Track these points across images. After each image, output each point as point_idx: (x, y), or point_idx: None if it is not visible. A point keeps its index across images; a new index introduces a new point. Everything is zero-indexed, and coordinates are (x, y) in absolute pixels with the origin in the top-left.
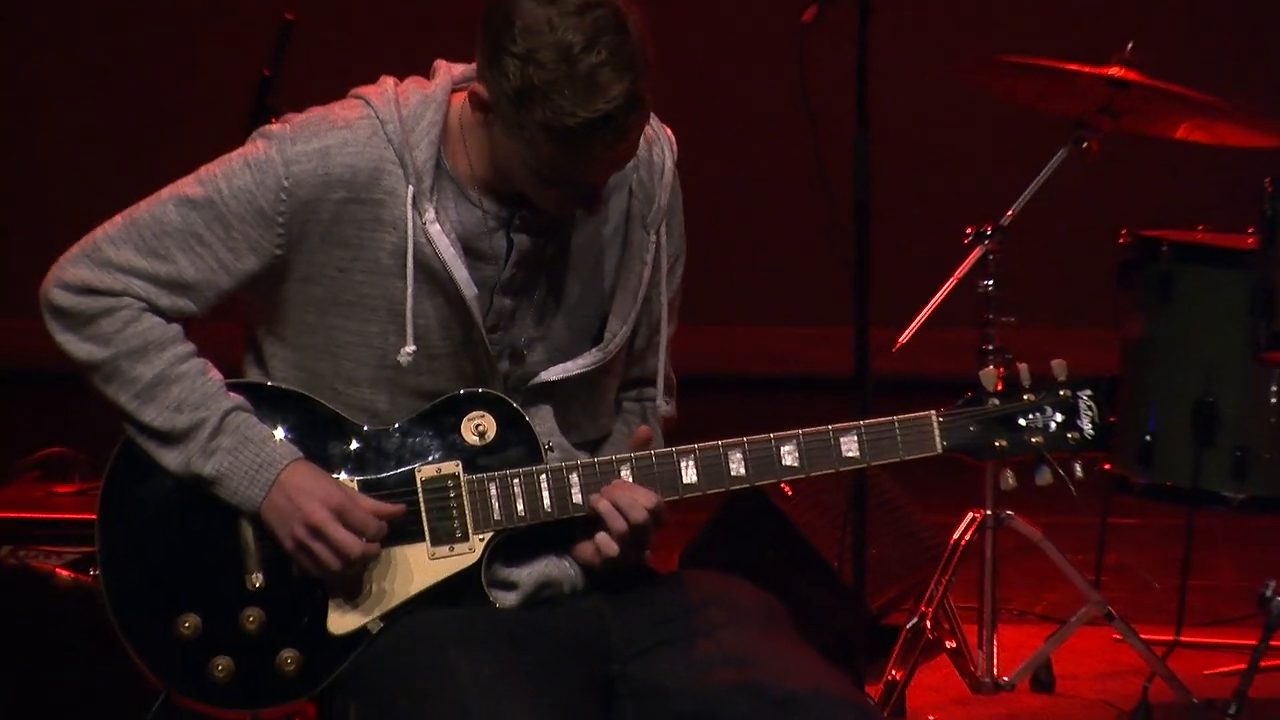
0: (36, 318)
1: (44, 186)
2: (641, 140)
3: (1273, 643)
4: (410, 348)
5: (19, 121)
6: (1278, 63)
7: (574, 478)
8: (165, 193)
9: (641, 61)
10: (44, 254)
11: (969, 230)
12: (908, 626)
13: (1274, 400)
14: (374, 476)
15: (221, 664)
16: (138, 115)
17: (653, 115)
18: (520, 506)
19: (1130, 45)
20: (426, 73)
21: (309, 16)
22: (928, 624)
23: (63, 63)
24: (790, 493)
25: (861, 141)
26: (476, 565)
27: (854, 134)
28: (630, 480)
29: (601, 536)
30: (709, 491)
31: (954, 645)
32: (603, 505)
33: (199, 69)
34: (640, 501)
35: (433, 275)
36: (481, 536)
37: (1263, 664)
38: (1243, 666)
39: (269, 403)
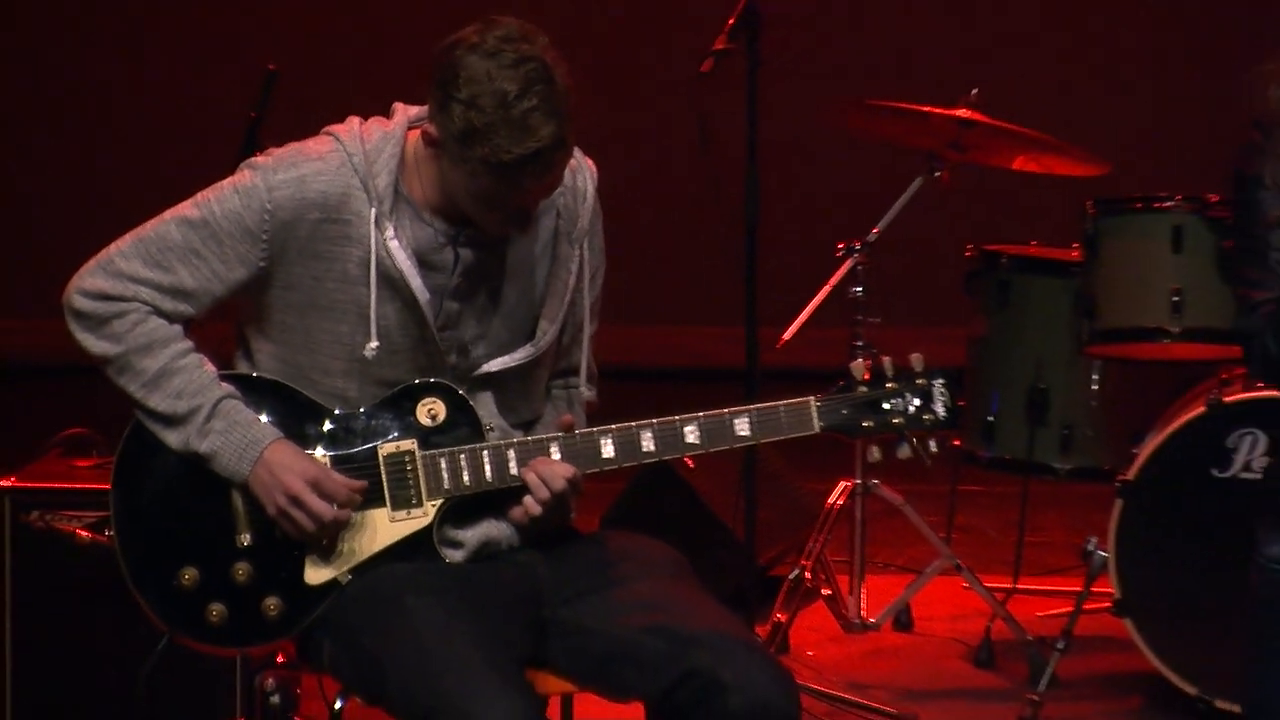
0: (59, 318)
1: (62, 209)
2: (566, 170)
3: (1094, 589)
4: (374, 344)
5: (46, 151)
6: (1097, 103)
7: (511, 453)
8: (168, 214)
9: (566, 107)
10: (63, 265)
11: (841, 245)
12: (790, 577)
13: (1094, 387)
14: (343, 452)
15: (215, 610)
16: (146, 147)
17: (576, 149)
18: (466, 477)
19: (975, 90)
20: (387, 113)
21: (289, 68)
22: (807, 575)
23: (79, 106)
24: (692, 465)
25: (751, 172)
26: (429, 527)
27: (745, 165)
28: (558, 456)
29: (529, 500)
30: (624, 465)
31: (829, 592)
32: (530, 476)
33: (199, 110)
34: (560, 473)
35: (392, 283)
36: (433, 503)
37: (1085, 606)
38: (1069, 609)
39: (255, 391)
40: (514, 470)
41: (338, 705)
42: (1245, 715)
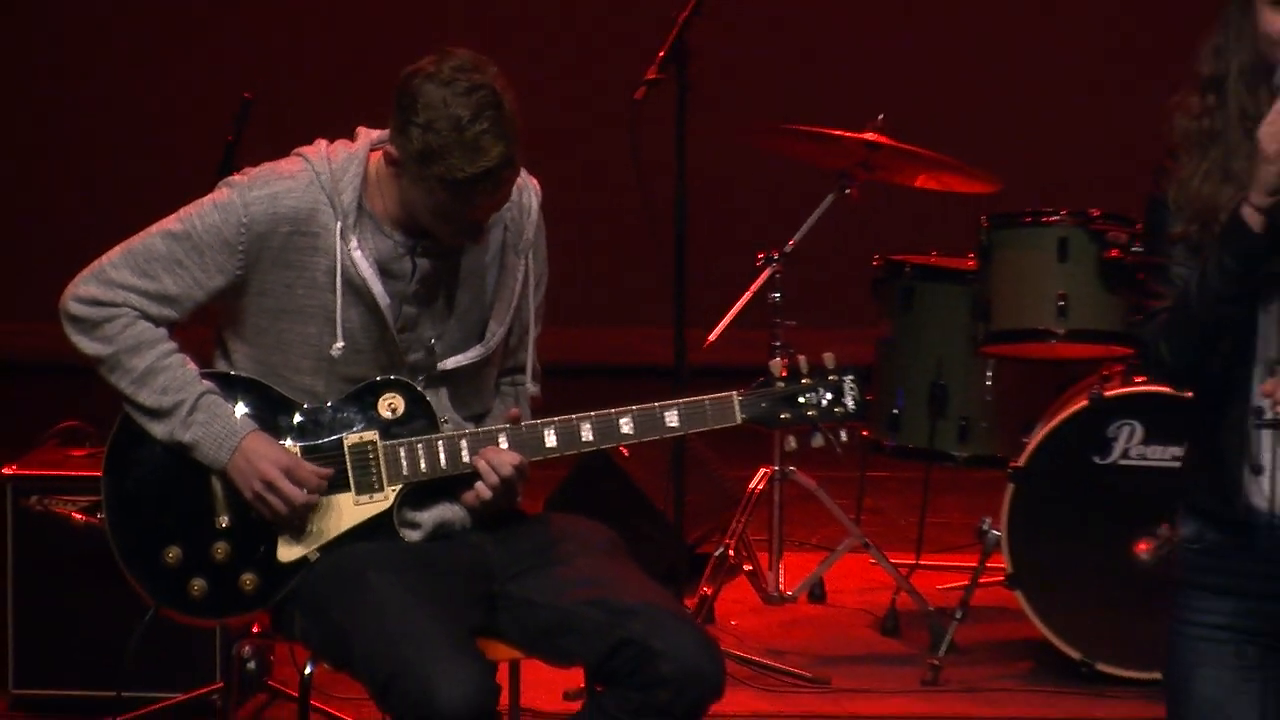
0: (55, 321)
1: (55, 222)
2: (514, 187)
3: (988, 564)
4: (340, 344)
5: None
6: (991, 127)
7: (463, 443)
8: (154, 228)
9: (514, 130)
10: (58, 272)
11: (761, 255)
12: (715, 554)
13: (989, 383)
14: (312, 443)
15: (197, 585)
16: (134, 165)
17: (522, 168)
18: (423, 465)
19: (880, 116)
20: (351, 136)
21: (263, 95)
22: (730, 552)
23: (73, 126)
24: (627, 454)
25: (680, 189)
26: (389, 510)
27: (675, 183)
28: (506, 445)
29: (479, 486)
30: (566, 453)
31: (750, 568)
32: (480, 464)
33: (181, 132)
34: (507, 461)
35: (356, 290)
36: (393, 488)
37: (981, 580)
38: (966, 582)
39: (232, 387)
40: (466, 458)
41: (307, 671)
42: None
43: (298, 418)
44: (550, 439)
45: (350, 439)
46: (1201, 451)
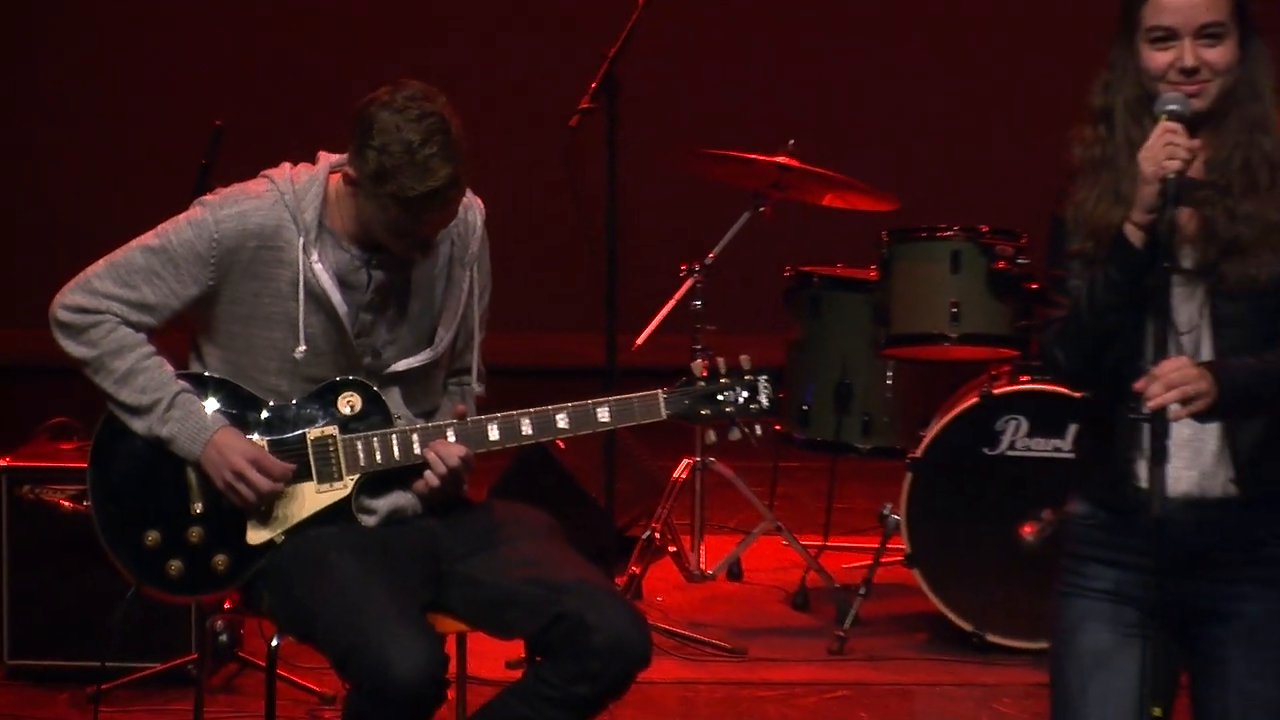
0: (44, 328)
1: (45, 239)
2: (460, 206)
3: (889, 545)
4: (302, 348)
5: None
6: (891, 149)
7: (415, 437)
8: (134, 243)
9: (460, 153)
10: (46, 283)
11: (684, 267)
12: (643, 537)
13: (889, 382)
14: (278, 437)
15: (174, 565)
16: (117, 186)
17: (468, 189)
18: (378, 456)
19: (791, 141)
20: (313, 159)
21: (233, 123)
22: (656, 535)
23: (61, 147)
24: (563, 446)
25: (611, 207)
26: (348, 497)
27: (606, 201)
28: (454, 439)
29: (429, 475)
30: (507, 446)
31: (674, 549)
32: (430, 455)
33: (161, 156)
34: (454, 453)
35: (317, 299)
36: (351, 477)
37: (882, 560)
38: (869, 562)
39: (205, 387)
40: (417, 451)
41: (274, 643)
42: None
43: (264, 414)
44: (493, 433)
45: (312, 433)
46: (1095, 442)
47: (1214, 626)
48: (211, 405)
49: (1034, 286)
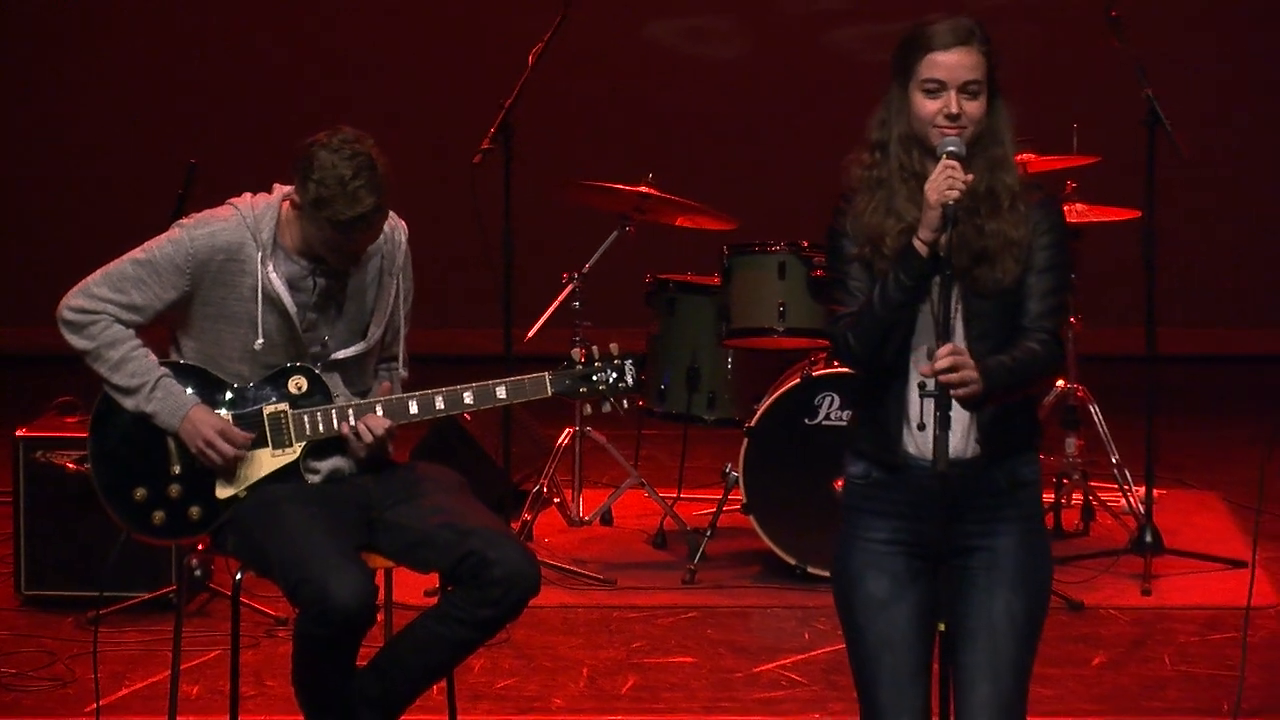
0: (54, 325)
1: (55, 249)
2: (387, 226)
3: (730, 496)
4: (260, 341)
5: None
6: (732, 178)
7: (351, 411)
8: (125, 257)
9: (383, 185)
10: (55, 286)
11: (565, 275)
12: (533, 491)
13: (729, 366)
14: (240, 412)
15: (158, 515)
16: (108, 210)
17: (392, 212)
18: (321, 427)
19: (650, 174)
20: (269, 189)
21: (205, 161)
22: (544, 489)
23: (67, 179)
24: (469, 418)
25: (507, 227)
26: (297, 460)
27: (503, 223)
28: (381, 413)
29: (358, 443)
30: (424, 418)
31: (559, 501)
32: (360, 426)
33: (146, 189)
34: (382, 425)
35: (272, 301)
36: (300, 444)
37: (724, 509)
38: (713, 509)
39: (182, 373)
40: (353, 422)
41: (238, 577)
42: (839, 583)
43: (229, 394)
44: (413, 408)
45: (268, 409)
46: (870, 414)
47: (968, 558)
48: (187, 387)
49: None
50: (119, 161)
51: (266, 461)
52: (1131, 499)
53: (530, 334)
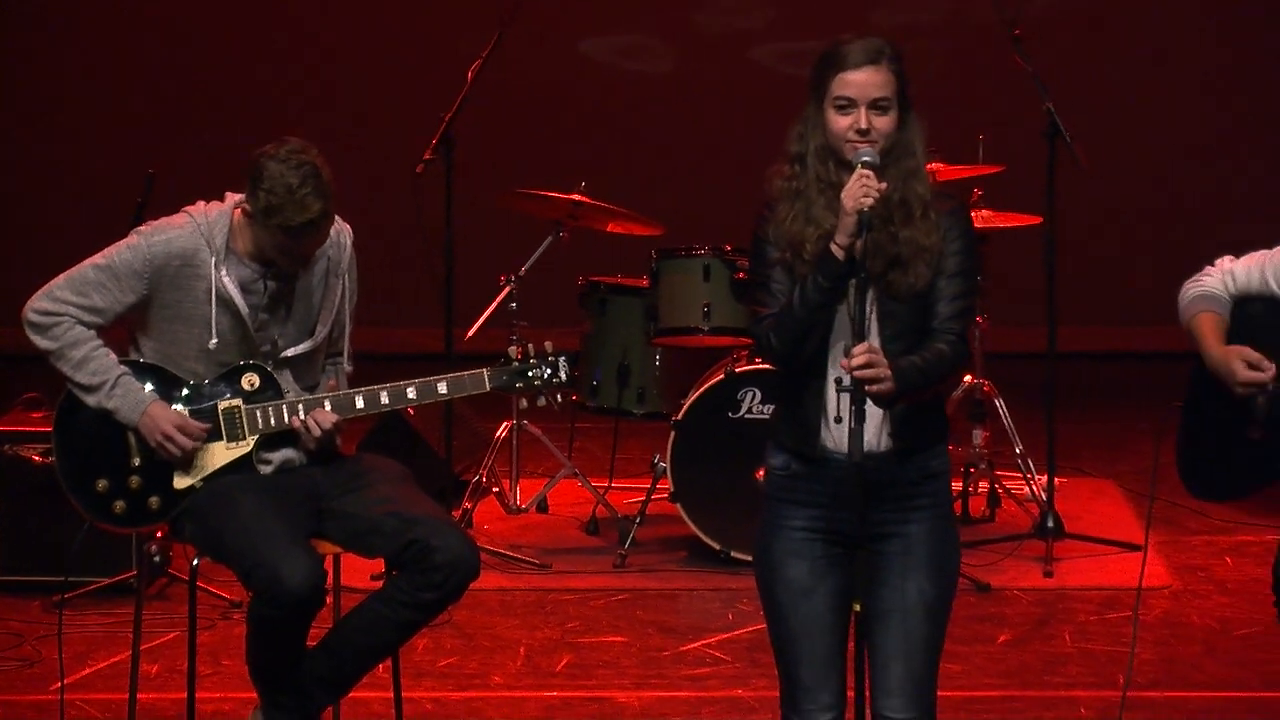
0: (19, 326)
1: (18, 255)
2: (333, 230)
3: (659, 485)
4: (214, 340)
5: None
6: (659, 186)
7: (300, 406)
8: (86, 262)
9: (329, 192)
10: (17, 292)
11: (503, 277)
12: (473, 481)
13: (658, 363)
14: (196, 407)
15: (119, 505)
16: (73, 218)
17: (338, 217)
18: (272, 421)
19: (583, 183)
20: (221, 198)
21: (162, 170)
22: (483, 479)
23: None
24: (412, 412)
25: (448, 233)
26: (250, 452)
27: (445, 230)
28: (329, 407)
29: (308, 436)
30: (370, 412)
31: (497, 490)
32: (309, 421)
33: (107, 197)
34: (330, 419)
35: (225, 303)
36: (253, 437)
37: (654, 497)
38: (643, 497)
39: (141, 371)
40: (302, 417)
41: (195, 562)
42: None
43: (185, 391)
44: (359, 402)
45: (222, 404)
46: (790, 408)
47: (883, 544)
48: (146, 384)
49: None
50: (81, 172)
51: (221, 454)
52: (1034, 487)
53: (470, 333)
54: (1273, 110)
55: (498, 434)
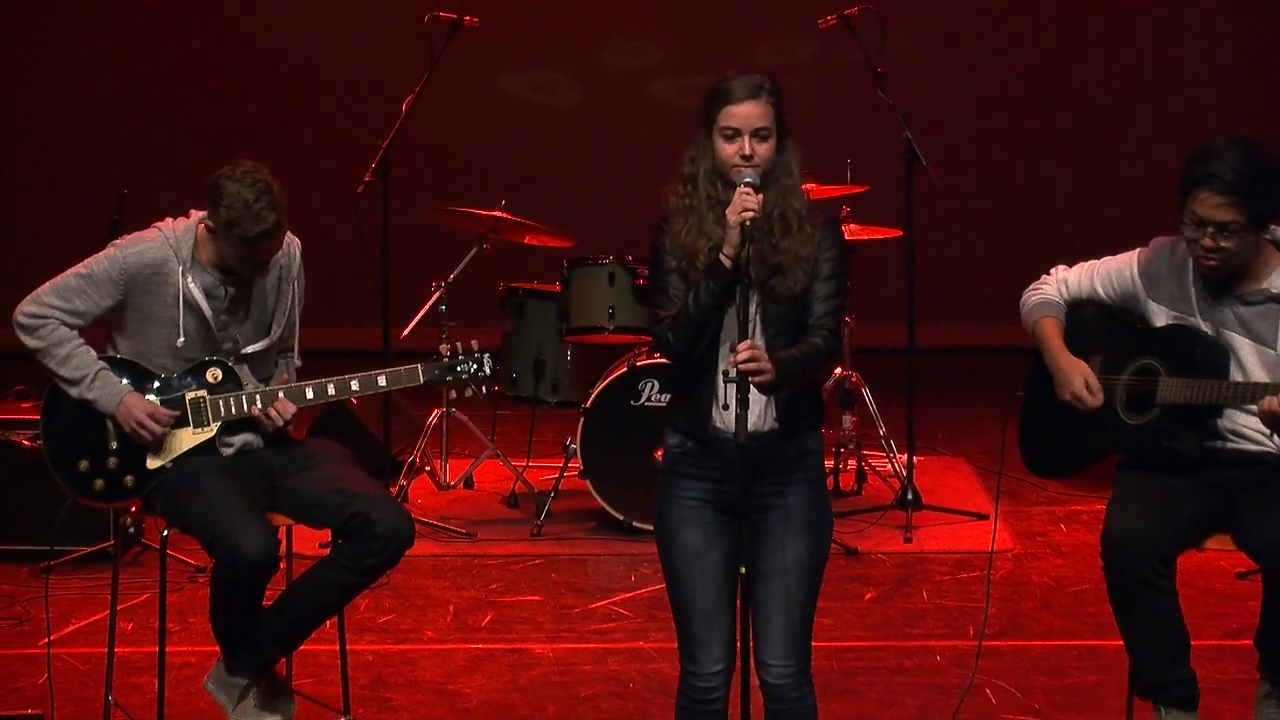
0: (9, 329)
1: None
2: (285, 242)
3: (571, 464)
4: (181, 339)
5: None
6: (570, 201)
7: (257, 397)
8: (69, 271)
9: (280, 205)
10: (6, 298)
11: (434, 283)
12: (408, 461)
13: (569, 358)
14: (166, 398)
15: (98, 483)
16: (56, 232)
17: (289, 231)
18: (233, 410)
19: (503, 201)
20: (187, 214)
21: (135, 189)
22: (417, 459)
23: (19, 205)
24: (355, 402)
25: (384, 243)
26: (214, 437)
27: (381, 240)
28: (283, 398)
29: (269, 423)
30: (319, 402)
31: (429, 469)
32: (271, 411)
33: (85, 214)
34: (288, 409)
35: (191, 307)
36: (216, 423)
37: (566, 474)
38: (556, 474)
39: (117, 366)
40: (260, 406)
41: (165, 533)
42: (660, 534)
43: (157, 383)
44: (309, 393)
45: (189, 395)
46: (685, 396)
47: (766, 514)
48: (121, 378)
49: None
50: (64, 191)
51: (188, 438)
52: (895, 464)
53: (405, 332)
54: (1090, 135)
55: (429, 420)
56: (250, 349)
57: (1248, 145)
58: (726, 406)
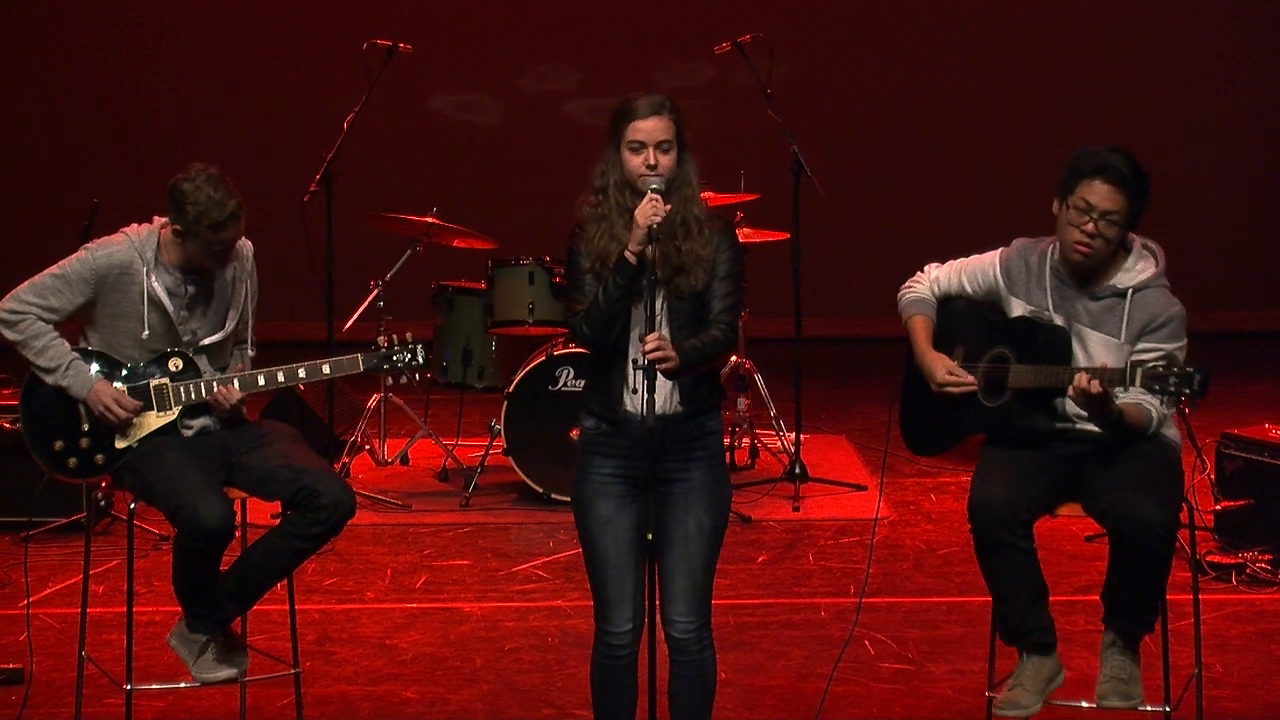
0: None
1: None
2: (240, 243)
3: (495, 442)
4: (146, 332)
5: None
6: (495, 208)
7: (215, 384)
8: (45, 272)
9: (237, 198)
10: None
11: (372, 281)
12: (350, 440)
13: (494, 348)
14: (133, 385)
15: (71, 460)
16: (31, 236)
17: (243, 234)
18: (192, 395)
19: (435, 208)
20: (150, 220)
21: (105, 200)
22: (359, 439)
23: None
24: (303, 388)
25: (329, 245)
26: (175, 420)
27: (326, 243)
28: (237, 385)
29: (219, 406)
30: (269, 388)
31: (369, 447)
32: (218, 394)
33: (60, 221)
34: (234, 394)
35: (155, 303)
36: (178, 407)
37: (491, 451)
38: (482, 451)
39: (89, 356)
40: (216, 392)
41: (133, 506)
42: (577, 505)
43: (124, 372)
44: (261, 380)
45: (153, 382)
46: (598, 382)
47: (671, 486)
48: (93, 367)
49: None
50: (41, 203)
51: (152, 421)
52: (784, 441)
53: (347, 325)
54: (953, 147)
55: (369, 404)
56: (208, 340)
57: (1131, 153)
58: (635, 391)
